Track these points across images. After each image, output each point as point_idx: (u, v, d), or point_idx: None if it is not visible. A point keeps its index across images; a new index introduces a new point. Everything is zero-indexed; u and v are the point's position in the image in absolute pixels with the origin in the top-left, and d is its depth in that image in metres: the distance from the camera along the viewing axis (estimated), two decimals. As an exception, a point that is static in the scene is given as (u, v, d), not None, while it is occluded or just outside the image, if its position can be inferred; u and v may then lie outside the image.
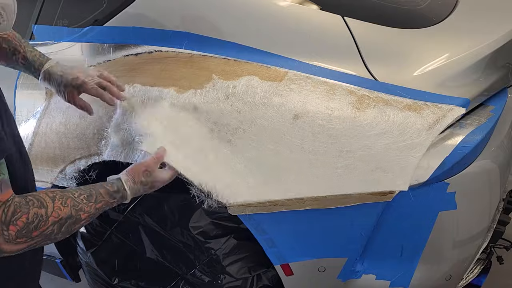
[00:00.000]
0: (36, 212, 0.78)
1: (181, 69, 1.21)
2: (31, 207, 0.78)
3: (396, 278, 1.20)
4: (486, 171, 1.19)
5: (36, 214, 0.78)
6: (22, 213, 0.77)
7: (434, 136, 1.07)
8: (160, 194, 1.30)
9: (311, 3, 1.27)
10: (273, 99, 1.11)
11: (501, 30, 1.31)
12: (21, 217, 0.76)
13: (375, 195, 1.06)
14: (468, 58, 1.21)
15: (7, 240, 0.75)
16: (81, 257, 1.53)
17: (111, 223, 1.39)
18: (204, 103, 1.13)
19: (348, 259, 1.19)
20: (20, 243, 0.77)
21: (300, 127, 1.08)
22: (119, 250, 1.43)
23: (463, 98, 1.14)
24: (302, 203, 1.09)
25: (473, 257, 1.31)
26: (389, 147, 1.05)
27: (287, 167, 1.08)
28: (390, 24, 1.27)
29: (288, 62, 1.19)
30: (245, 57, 1.20)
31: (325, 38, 1.22)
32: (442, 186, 1.10)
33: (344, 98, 1.11)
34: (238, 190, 1.10)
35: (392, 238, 1.17)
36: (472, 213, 1.22)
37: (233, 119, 1.11)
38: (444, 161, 1.07)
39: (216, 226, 1.28)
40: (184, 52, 1.24)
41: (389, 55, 1.22)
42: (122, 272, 1.47)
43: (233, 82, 1.14)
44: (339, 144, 1.07)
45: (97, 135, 1.23)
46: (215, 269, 1.32)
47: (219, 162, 1.11)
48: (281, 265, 1.22)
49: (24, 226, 0.77)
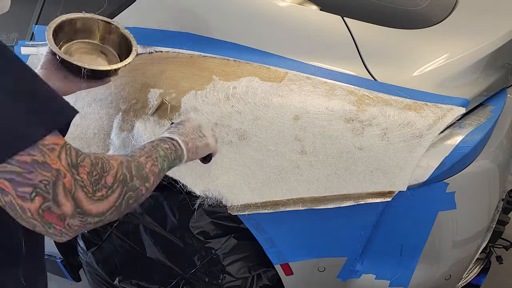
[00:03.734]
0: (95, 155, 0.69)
1: (182, 69, 1.21)
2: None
3: (396, 277, 1.21)
4: (486, 171, 1.20)
5: (96, 157, 0.69)
6: (84, 155, 0.67)
7: (434, 135, 1.07)
8: (160, 194, 1.30)
9: (311, 4, 1.27)
10: (274, 100, 1.11)
11: (500, 31, 1.31)
12: (84, 158, 0.66)
13: (375, 195, 1.06)
14: (468, 58, 1.22)
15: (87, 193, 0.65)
16: (82, 257, 1.53)
17: (111, 223, 1.39)
18: (204, 104, 1.13)
19: (348, 258, 1.20)
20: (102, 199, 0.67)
21: (301, 128, 1.08)
22: (120, 250, 1.43)
23: (463, 98, 1.14)
24: (302, 203, 1.09)
25: (472, 257, 1.31)
26: (388, 147, 1.06)
27: (287, 167, 1.08)
28: (389, 24, 1.27)
29: (288, 63, 1.19)
30: (245, 58, 1.20)
31: (325, 39, 1.23)
32: (442, 186, 1.10)
33: (344, 98, 1.11)
34: (240, 191, 1.10)
35: (391, 238, 1.17)
36: (471, 213, 1.22)
37: (234, 120, 1.11)
38: (444, 161, 1.08)
39: (216, 226, 1.28)
40: (184, 52, 1.25)
41: (389, 55, 1.22)
42: (122, 271, 1.47)
43: (233, 83, 1.14)
44: (339, 144, 1.07)
45: (98, 135, 1.23)
46: (215, 268, 1.32)
47: (220, 164, 1.11)
48: (281, 264, 1.22)
49: (92, 168, 0.66)
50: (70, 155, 0.64)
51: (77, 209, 0.64)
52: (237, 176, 1.10)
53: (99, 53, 1.14)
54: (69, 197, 0.63)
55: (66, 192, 0.63)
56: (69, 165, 0.64)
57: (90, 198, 0.65)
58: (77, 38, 1.11)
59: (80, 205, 0.64)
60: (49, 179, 0.61)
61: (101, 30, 1.13)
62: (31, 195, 0.61)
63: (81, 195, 0.64)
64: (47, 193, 0.61)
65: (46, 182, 0.61)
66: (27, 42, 1.50)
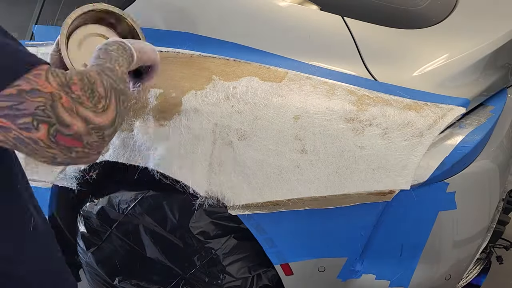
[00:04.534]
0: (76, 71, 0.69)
1: (182, 69, 1.21)
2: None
3: (396, 277, 1.21)
4: (486, 171, 1.20)
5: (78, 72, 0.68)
6: (69, 73, 0.67)
7: (434, 135, 1.07)
8: (160, 194, 1.30)
9: (311, 3, 1.27)
10: (274, 100, 1.11)
11: (500, 30, 1.31)
12: (72, 76, 0.66)
13: (375, 195, 1.06)
14: (468, 58, 1.22)
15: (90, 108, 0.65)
16: (82, 257, 1.53)
17: (111, 223, 1.39)
18: (204, 104, 1.13)
19: (348, 259, 1.19)
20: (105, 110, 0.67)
21: (301, 127, 1.08)
22: (120, 250, 1.43)
23: (463, 98, 1.14)
24: (302, 203, 1.09)
25: (472, 257, 1.31)
26: (390, 146, 1.05)
27: (288, 167, 1.08)
28: (390, 24, 1.27)
29: (288, 63, 1.19)
30: (245, 58, 1.20)
31: (325, 39, 1.23)
32: (442, 186, 1.10)
33: (344, 98, 1.11)
34: (240, 191, 1.10)
35: (392, 238, 1.17)
36: (471, 213, 1.22)
37: (234, 120, 1.11)
38: (444, 161, 1.08)
39: (216, 226, 1.28)
40: (184, 52, 1.25)
41: (389, 55, 1.22)
42: (122, 272, 1.47)
43: (233, 83, 1.14)
44: (339, 143, 1.07)
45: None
46: (215, 269, 1.32)
47: (221, 164, 1.11)
48: (281, 264, 1.22)
49: (82, 84, 0.66)
50: (58, 76, 0.64)
51: (89, 125, 0.65)
52: (237, 176, 1.10)
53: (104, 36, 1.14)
54: (75, 115, 0.63)
55: (69, 111, 0.63)
56: (60, 85, 0.63)
57: (95, 112, 0.66)
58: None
59: (91, 121, 0.65)
60: (44, 103, 0.61)
61: (110, 19, 1.13)
62: (33, 123, 0.61)
63: (85, 110, 0.65)
64: (48, 117, 0.61)
65: (43, 107, 0.61)
66: (26, 42, 1.50)
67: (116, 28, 1.15)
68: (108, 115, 0.68)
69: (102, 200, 1.38)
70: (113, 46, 0.85)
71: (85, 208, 1.42)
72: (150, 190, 1.31)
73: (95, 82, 0.68)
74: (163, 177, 1.18)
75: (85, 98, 0.65)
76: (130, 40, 0.96)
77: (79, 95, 0.65)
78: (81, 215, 1.44)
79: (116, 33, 1.15)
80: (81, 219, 1.45)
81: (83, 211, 1.43)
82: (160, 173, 1.17)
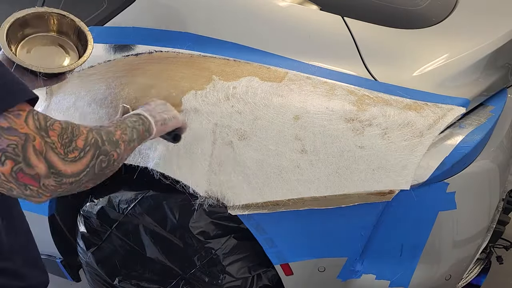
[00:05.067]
0: (65, 121, 0.72)
1: (182, 69, 1.21)
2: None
3: (396, 277, 1.21)
4: (486, 171, 1.20)
5: (66, 122, 0.72)
6: (54, 120, 0.70)
7: (434, 135, 1.07)
8: (160, 194, 1.30)
9: (311, 3, 1.27)
10: (274, 100, 1.11)
11: (500, 31, 1.31)
12: (54, 122, 0.69)
13: (375, 195, 1.06)
14: (468, 58, 1.22)
15: (59, 155, 0.68)
16: (82, 257, 1.53)
17: (111, 223, 1.39)
18: (204, 104, 1.13)
19: (348, 259, 1.19)
20: (75, 161, 0.70)
21: (301, 127, 1.08)
22: (120, 250, 1.43)
23: (463, 98, 1.14)
24: (302, 203, 1.09)
25: (472, 257, 1.31)
26: (390, 146, 1.05)
27: (288, 167, 1.08)
28: (389, 24, 1.27)
29: (288, 63, 1.19)
30: (245, 58, 1.20)
31: (325, 39, 1.23)
32: (442, 186, 1.10)
33: (344, 98, 1.11)
34: (240, 191, 1.10)
35: (392, 238, 1.17)
36: (471, 213, 1.22)
37: (234, 120, 1.11)
38: (444, 161, 1.08)
39: (216, 226, 1.28)
40: (184, 52, 1.25)
41: (389, 55, 1.22)
42: (122, 272, 1.47)
43: (233, 83, 1.14)
44: (339, 143, 1.07)
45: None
46: (215, 269, 1.32)
47: (221, 164, 1.11)
48: (281, 264, 1.22)
49: (62, 132, 0.69)
50: (38, 120, 0.68)
51: (51, 170, 0.67)
52: (237, 176, 1.10)
53: (56, 45, 1.15)
54: (41, 158, 0.66)
55: (37, 154, 0.66)
56: (37, 128, 0.67)
57: (63, 159, 0.69)
58: (33, 33, 1.11)
59: (54, 166, 0.68)
60: (17, 142, 0.65)
61: (57, 23, 1.13)
62: (1, 159, 0.64)
63: (54, 156, 0.68)
64: (16, 155, 0.65)
65: (14, 146, 0.65)
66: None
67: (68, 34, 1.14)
68: (76, 166, 0.71)
69: (102, 200, 1.38)
70: (133, 118, 0.91)
71: (85, 208, 1.42)
72: (150, 190, 1.31)
73: (79, 135, 0.72)
74: (163, 177, 1.18)
75: (59, 144, 0.69)
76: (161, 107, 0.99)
77: (54, 141, 0.68)
78: (81, 215, 1.44)
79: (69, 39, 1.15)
80: (81, 219, 1.45)
81: (83, 211, 1.43)
82: (160, 173, 1.17)
